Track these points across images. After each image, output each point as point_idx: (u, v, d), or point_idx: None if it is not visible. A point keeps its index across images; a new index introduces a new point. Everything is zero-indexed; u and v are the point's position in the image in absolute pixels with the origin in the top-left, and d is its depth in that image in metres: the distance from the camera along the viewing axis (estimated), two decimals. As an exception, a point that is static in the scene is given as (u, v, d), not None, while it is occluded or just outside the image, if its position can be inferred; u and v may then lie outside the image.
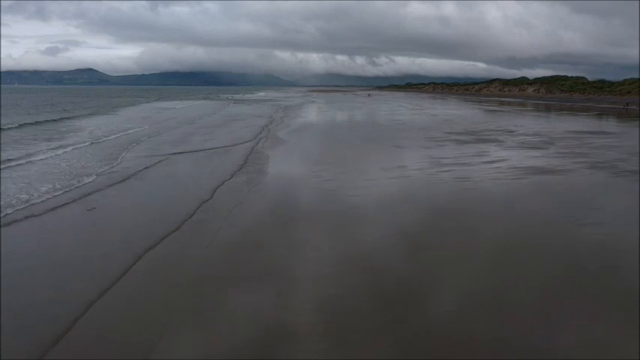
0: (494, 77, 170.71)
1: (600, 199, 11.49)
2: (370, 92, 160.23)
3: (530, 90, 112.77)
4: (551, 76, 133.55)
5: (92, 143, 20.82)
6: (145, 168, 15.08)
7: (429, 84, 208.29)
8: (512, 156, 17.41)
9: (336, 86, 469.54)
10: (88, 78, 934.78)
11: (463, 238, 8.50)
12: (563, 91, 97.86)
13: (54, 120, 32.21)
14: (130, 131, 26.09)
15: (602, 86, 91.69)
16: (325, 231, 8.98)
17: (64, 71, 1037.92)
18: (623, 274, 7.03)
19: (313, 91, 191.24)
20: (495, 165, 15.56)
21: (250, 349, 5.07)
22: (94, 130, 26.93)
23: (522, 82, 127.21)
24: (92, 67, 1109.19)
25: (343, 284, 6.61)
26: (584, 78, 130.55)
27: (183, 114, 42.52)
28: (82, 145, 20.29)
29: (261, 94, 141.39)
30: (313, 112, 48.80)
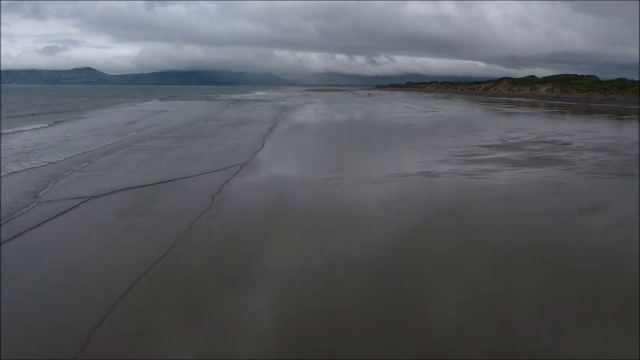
0: (494, 76, 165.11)
1: None
2: (370, 92, 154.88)
3: (542, 89, 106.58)
4: (561, 75, 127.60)
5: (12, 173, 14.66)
6: (31, 229, 9.00)
7: (431, 83, 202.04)
8: (612, 197, 11.30)
9: (336, 85, 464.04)
10: (86, 77, 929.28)
11: None
12: (581, 90, 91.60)
13: None
14: (99, 145, 20.08)
15: (624, 85, 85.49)
16: None
17: (63, 70, 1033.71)
18: None
19: (312, 90, 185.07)
20: (609, 222, 9.46)
21: None
22: (36, 146, 20.85)
23: (533, 81, 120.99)
24: (90, 67, 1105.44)
25: None
26: (595, 77, 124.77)
27: (173, 118, 36.13)
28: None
29: (261, 93, 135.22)
30: (314, 115, 42.69)
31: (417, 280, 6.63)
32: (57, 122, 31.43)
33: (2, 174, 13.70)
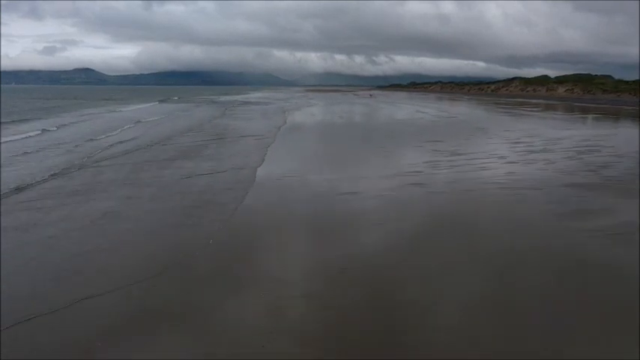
0: (495, 76, 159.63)
1: None
2: (372, 92, 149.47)
3: (561, 90, 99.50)
4: (574, 75, 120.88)
5: None
6: None
7: (435, 83, 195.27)
8: None
9: (335, 86, 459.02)
10: (85, 78, 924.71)
11: None
12: (606, 91, 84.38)
13: None
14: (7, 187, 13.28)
15: (654, 85, 78.52)
16: None
17: (61, 71, 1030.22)
18: None
19: (312, 91, 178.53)
20: None
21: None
22: None
23: (548, 81, 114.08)
24: (90, 67, 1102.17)
25: None
26: (610, 77, 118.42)
27: (152, 130, 29.01)
28: None
29: (260, 94, 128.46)
30: (318, 124, 36.04)
31: None
32: (16, 138, 24.32)
33: None
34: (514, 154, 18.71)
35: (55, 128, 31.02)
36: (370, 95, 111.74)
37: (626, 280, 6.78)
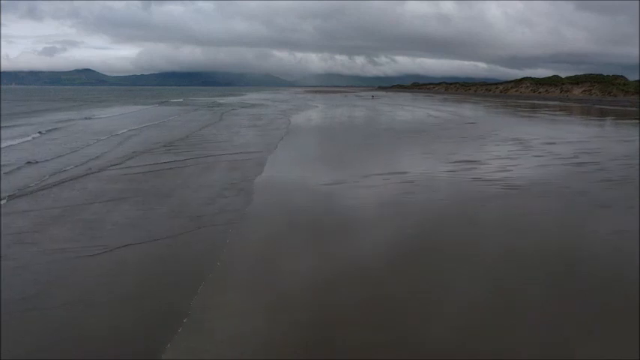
0: (496, 77, 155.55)
1: None
2: (374, 93, 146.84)
3: (576, 91, 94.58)
4: (585, 75, 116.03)
5: None
6: None
7: (439, 84, 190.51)
8: None
9: (336, 86, 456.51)
10: (86, 78, 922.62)
11: None
12: (628, 92, 79.42)
13: None
14: None
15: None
16: None
17: (62, 72, 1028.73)
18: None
19: (312, 91, 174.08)
20: None
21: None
22: None
23: (560, 81, 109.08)
24: (90, 68, 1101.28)
25: None
26: (622, 77, 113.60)
27: (122, 145, 24.18)
28: None
29: (259, 96, 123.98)
30: (321, 134, 31.21)
31: None
32: None
33: None
34: (595, 188, 13.64)
35: (14, 140, 26.09)
36: (372, 97, 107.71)
37: None
